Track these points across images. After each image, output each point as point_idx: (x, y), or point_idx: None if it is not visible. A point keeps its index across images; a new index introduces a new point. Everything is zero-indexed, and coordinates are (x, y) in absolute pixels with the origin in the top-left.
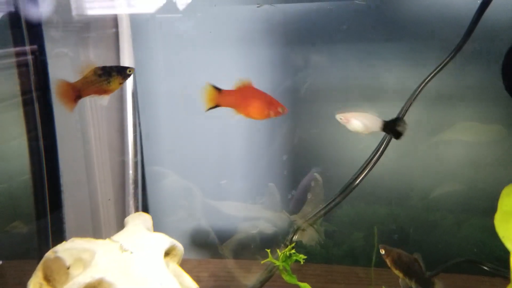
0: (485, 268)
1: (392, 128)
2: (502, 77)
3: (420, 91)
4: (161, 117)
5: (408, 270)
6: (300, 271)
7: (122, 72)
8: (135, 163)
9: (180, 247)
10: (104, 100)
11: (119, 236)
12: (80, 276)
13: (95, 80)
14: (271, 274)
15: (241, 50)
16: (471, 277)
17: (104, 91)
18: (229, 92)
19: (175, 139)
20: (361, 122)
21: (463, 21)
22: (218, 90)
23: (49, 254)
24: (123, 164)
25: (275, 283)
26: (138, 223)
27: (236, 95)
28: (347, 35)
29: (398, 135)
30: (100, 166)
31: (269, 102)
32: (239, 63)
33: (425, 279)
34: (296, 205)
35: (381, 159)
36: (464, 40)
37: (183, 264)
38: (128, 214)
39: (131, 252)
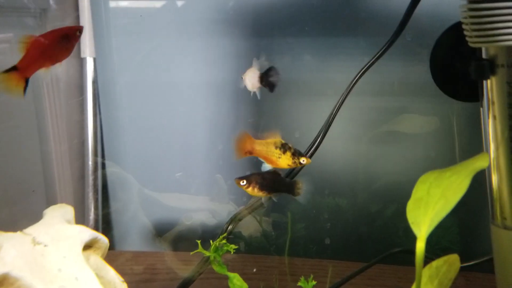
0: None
1: (267, 80)
2: (430, 70)
3: (353, 86)
4: (121, 108)
5: (272, 186)
6: (241, 263)
7: (296, 156)
8: (95, 149)
9: (103, 239)
10: (265, 166)
11: (33, 229)
12: None
13: (271, 148)
14: (208, 265)
15: (206, 41)
16: (411, 268)
17: (271, 161)
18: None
19: (135, 130)
20: (252, 78)
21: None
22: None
23: None
24: (82, 148)
25: (214, 274)
26: (56, 215)
27: (32, 57)
28: (310, 28)
29: (272, 86)
30: (59, 154)
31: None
32: (203, 55)
33: (288, 185)
34: None
35: (326, 150)
36: (397, 34)
37: (117, 257)
38: (89, 213)
39: (45, 245)
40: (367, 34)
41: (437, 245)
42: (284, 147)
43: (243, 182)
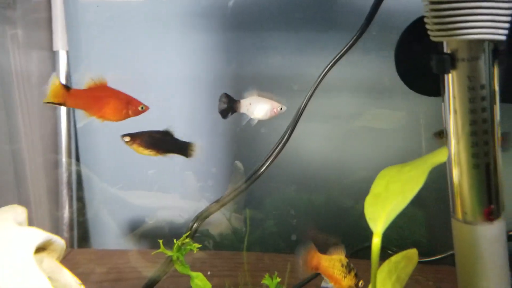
0: (389, 252)
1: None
2: (395, 65)
3: (320, 81)
4: None
5: (162, 145)
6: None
7: (357, 278)
8: (68, 146)
9: (59, 241)
10: (328, 285)
11: None
12: None
13: (337, 266)
14: (173, 265)
15: (182, 35)
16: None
17: (335, 280)
18: (78, 92)
19: (109, 126)
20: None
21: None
22: (66, 88)
23: None
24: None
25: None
26: (6, 217)
27: (88, 96)
28: (284, 22)
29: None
30: (31, 151)
31: (126, 101)
32: (180, 49)
33: (180, 145)
34: None
35: (299, 146)
36: (363, 29)
37: (81, 256)
38: (63, 211)
39: None
40: (339, 29)
41: (408, 239)
42: (349, 266)
43: (126, 138)
